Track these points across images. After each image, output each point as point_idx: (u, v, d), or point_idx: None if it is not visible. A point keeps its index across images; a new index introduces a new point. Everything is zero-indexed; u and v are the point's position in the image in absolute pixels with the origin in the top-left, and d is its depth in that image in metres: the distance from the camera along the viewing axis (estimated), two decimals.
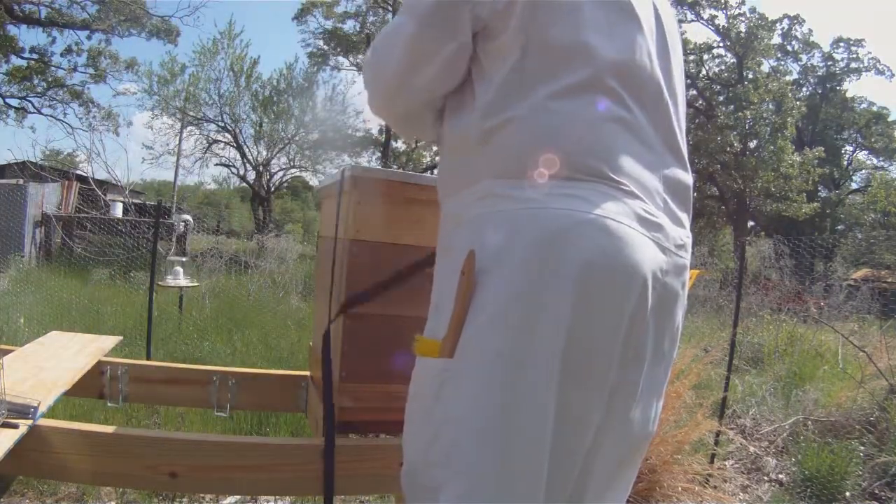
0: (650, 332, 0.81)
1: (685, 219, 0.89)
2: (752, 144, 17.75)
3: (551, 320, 0.73)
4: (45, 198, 10.00)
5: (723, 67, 19.80)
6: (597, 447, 0.81)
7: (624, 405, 0.82)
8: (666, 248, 0.81)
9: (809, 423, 3.64)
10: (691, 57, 18.84)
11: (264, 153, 16.60)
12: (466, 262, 0.77)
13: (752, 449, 3.43)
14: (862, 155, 24.15)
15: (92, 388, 1.46)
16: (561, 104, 0.79)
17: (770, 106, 17.76)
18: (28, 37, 30.42)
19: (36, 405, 0.98)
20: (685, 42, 18.23)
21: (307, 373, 1.56)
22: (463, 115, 0.88)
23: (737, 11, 18.60)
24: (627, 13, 0.85)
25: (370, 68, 0.95)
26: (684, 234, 0.87)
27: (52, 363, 1.35)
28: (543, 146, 0.78)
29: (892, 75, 21.62)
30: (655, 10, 0.91)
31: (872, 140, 22.73)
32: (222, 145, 16.80)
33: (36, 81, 17.03)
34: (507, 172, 0.80)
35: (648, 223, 0.79)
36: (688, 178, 0.91)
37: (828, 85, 22.42)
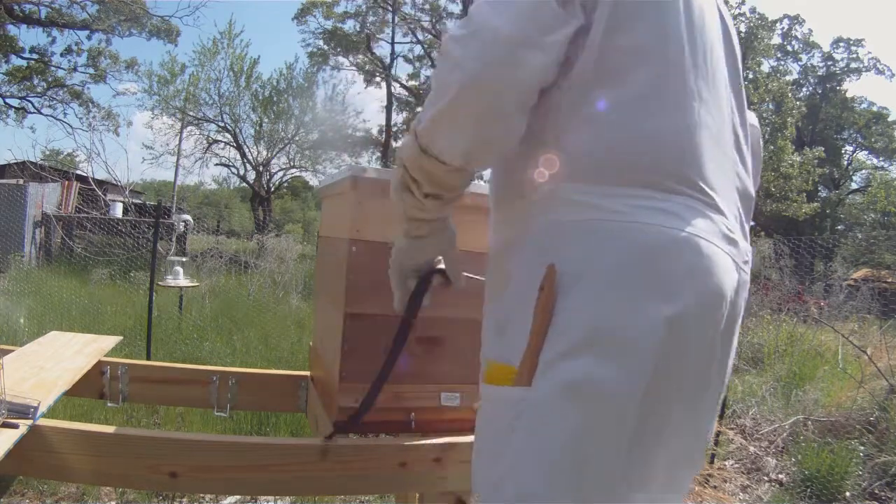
0: (722, 350, 0.78)
1: (748, 231, 0.85)
2: None
3: (639, 347, 0.67)
4: (45, 198, 9.99)
5: None
6: (667, 472, 0.78)
7: (693, 426, 0.79)
8: (738, 265, 0.77)
9: (809, 423, 3.64)
10: None
11: (264, 153, 16.59)
12: (546, 279, 0.70)
13: (752, 449, 3.43)
14: (862, 155, 24.17)
15: (92, 388, 1.46)
16: (652, 104, 0.73)
17: (770, 106, 17.74)
18: (28, 37, 30.53)
19: (36, 405, 0.97)
20: None
21: (307, 373, 1.56)
22: (536, 110, 0.76)
23: (737, 11, 18.59)
24: (706, 13, 0.80)
25: (462, 42, 0.72)
26: (749, 249, 0.84)
27: (52, 363, 1.35)
28: (633, 150, 0.72)
29: (892, 75, 21.64)
30: (718, 8, 0.86)
31: (872, 140, 22.73)
32: (222, 145, 16.79)
33: (36, 81, 17.05)
34: (589, 177, 0.72)
35: (729, 240, 0.75)
36: (752, 186, 0.87)
37: (828, 85, 22.42)
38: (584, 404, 0.68)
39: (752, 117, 0.92)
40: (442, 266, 0.95)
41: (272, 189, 17.88)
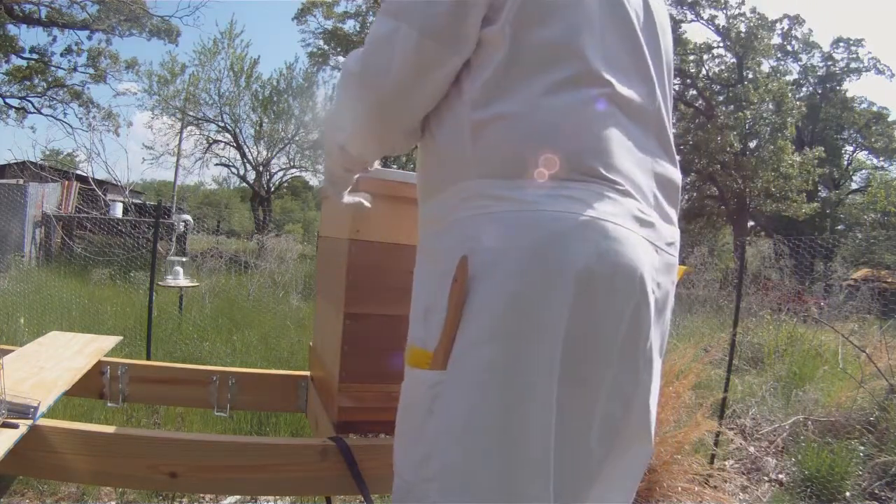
0: (647, 332, 0.79)
1: (674, 215, 0.88)
2: (752, 144, 17.73)
3: (548, 329, 0.71)
4: (45, 198, 10.00)
5: (723, 67, 19.74)
6: (599, 456, 0.79)
7: (624, 408, 0.80)
8: (658, 247, 0.80)
9: (809, 423, 3.64)
10: (691, 57, 18.81)
11: (264, 153, 16.59)
12: (459, 269, 0.74)
13: (751, 449, 3.43)
14: (862, 155, 24.14)
15: (92, 388, 1.46)
16: (555, 100, 0.75)
17: (770, 106, 17.73)
18: (28, 37, 30.59)
19: (36, 405, 0.97)
20: (685, 42, 18.21)
21: (307, 373, 1.56)
22: (448, 111, 0.83)
23: (737, 11, 18.60)
24: (617, 2, 0.82)
25: (358, 83, 0.84)
26: (674, 232, 0.86)
27: (52, 363, 1.35)
28: (538, 144, 0.75)
29: (892, 75, 21.61)
30: None
31: (872, 140, 22.70)
32: (222, 145, 16.78)
33: (36, 81, 17.03)
34: (498, 172, 0.76)
35: (643, 222, 0.78)
36: (677, 173, 0.89)
37: (828, 85, 22.39)
38: (497, 388, 0.71)
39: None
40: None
41: (272, 189, 17.88)
